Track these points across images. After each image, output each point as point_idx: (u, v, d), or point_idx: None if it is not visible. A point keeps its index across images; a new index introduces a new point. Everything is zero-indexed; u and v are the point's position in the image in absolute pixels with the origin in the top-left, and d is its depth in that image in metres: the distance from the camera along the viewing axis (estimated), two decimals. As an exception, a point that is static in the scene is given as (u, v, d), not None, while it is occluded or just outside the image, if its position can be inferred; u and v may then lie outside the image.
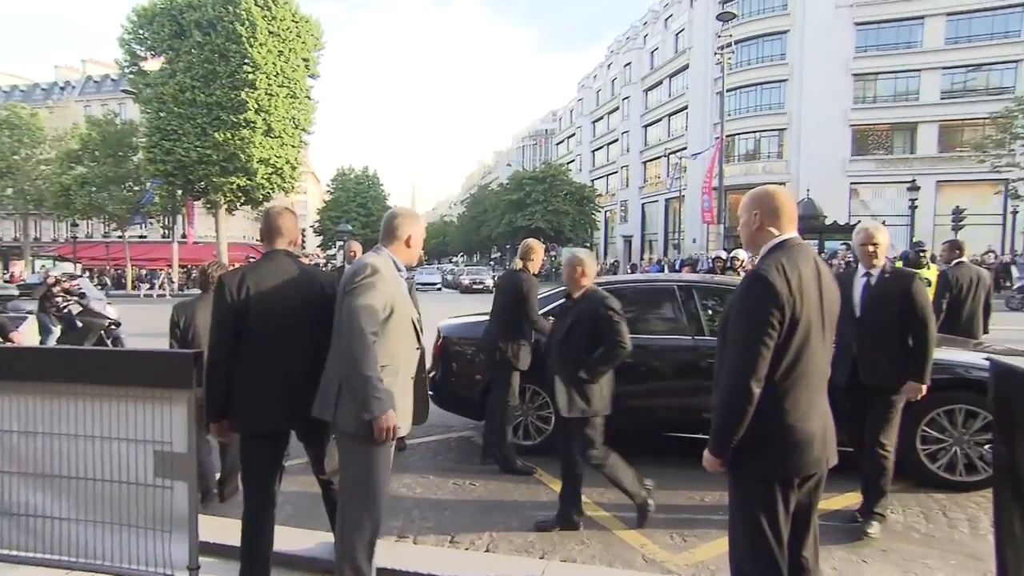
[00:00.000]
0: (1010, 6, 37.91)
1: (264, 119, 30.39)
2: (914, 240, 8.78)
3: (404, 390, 2.88)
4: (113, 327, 9.47)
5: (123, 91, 33.76)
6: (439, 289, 39.85)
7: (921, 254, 7.68)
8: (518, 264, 5.50)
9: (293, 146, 32.32)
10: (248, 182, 31.09)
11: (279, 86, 30.90)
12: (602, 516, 4.38)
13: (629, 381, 4.76)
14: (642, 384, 5.25)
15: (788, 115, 42.67)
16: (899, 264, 6.93)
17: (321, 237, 61.60)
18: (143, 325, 13.62)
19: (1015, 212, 31.02)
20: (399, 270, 2.94)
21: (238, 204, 33.04)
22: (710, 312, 5.50)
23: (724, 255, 10.94)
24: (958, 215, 26.89)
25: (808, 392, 2.29)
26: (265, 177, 31.38)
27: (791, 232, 2.40)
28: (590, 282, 4.21)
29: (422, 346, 3.07)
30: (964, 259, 6.53)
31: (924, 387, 3.96)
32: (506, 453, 5.29)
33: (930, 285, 7.08)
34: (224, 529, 3.54)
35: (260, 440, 2.99)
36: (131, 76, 31.64)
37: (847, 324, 3.86)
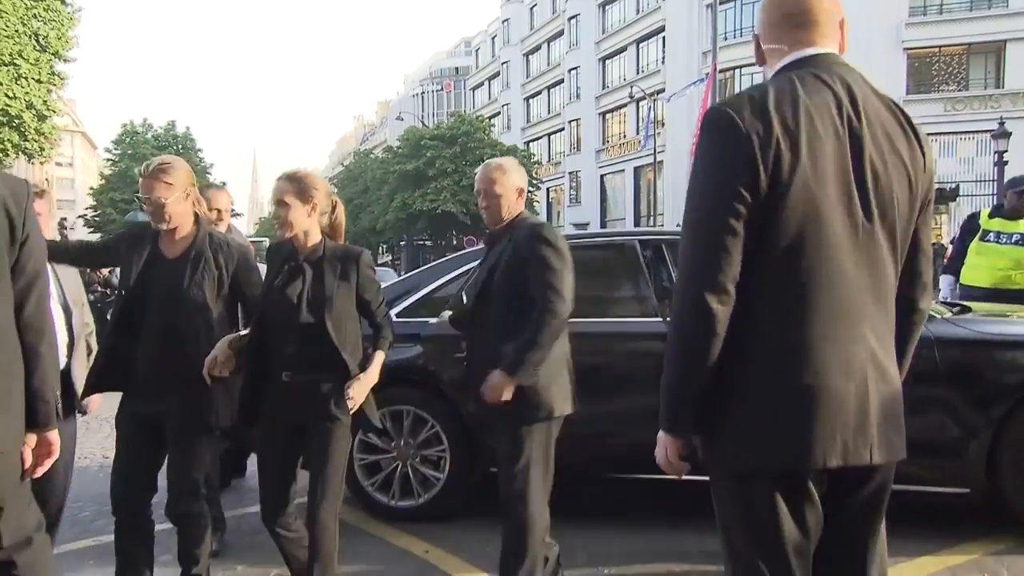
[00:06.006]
0: None
1: (-25, 28, 20.81)
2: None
3: None
4: None
5: None
6: None
7: None
8: None
9: (38, 80, 22.57)
10: (-49, 140, 21.20)
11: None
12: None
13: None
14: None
15: (813, 37, 32.40)
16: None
17: (99, 234, 42.89)
18: None
19: None
20: None
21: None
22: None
23: None
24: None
25: (827, 320, 1.33)
26: (-14, 131, 21.65)
27: (826, 46, 1.42)
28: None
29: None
30: None
31: None
32: None
33: None
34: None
35: None
36: None
37: None
